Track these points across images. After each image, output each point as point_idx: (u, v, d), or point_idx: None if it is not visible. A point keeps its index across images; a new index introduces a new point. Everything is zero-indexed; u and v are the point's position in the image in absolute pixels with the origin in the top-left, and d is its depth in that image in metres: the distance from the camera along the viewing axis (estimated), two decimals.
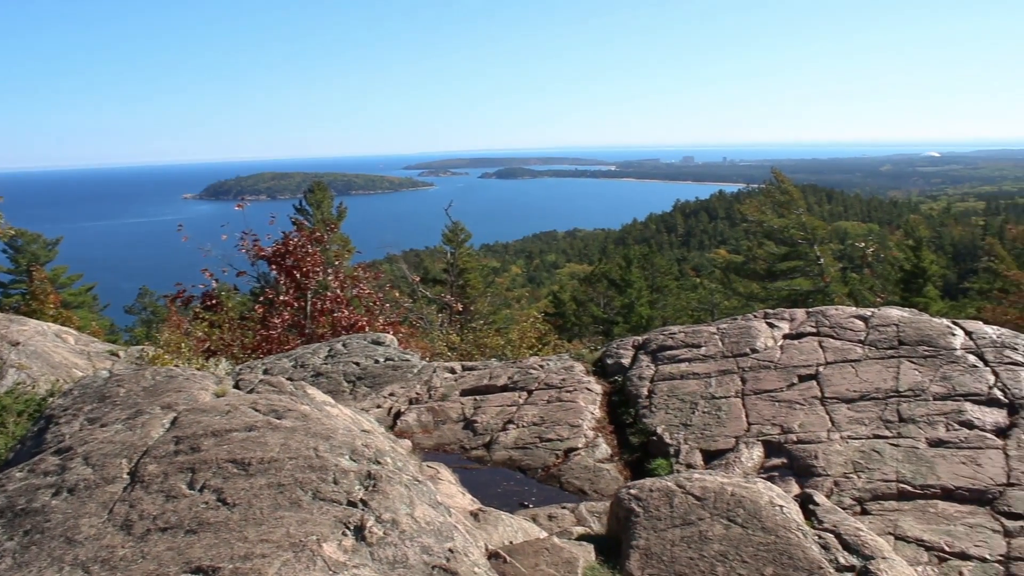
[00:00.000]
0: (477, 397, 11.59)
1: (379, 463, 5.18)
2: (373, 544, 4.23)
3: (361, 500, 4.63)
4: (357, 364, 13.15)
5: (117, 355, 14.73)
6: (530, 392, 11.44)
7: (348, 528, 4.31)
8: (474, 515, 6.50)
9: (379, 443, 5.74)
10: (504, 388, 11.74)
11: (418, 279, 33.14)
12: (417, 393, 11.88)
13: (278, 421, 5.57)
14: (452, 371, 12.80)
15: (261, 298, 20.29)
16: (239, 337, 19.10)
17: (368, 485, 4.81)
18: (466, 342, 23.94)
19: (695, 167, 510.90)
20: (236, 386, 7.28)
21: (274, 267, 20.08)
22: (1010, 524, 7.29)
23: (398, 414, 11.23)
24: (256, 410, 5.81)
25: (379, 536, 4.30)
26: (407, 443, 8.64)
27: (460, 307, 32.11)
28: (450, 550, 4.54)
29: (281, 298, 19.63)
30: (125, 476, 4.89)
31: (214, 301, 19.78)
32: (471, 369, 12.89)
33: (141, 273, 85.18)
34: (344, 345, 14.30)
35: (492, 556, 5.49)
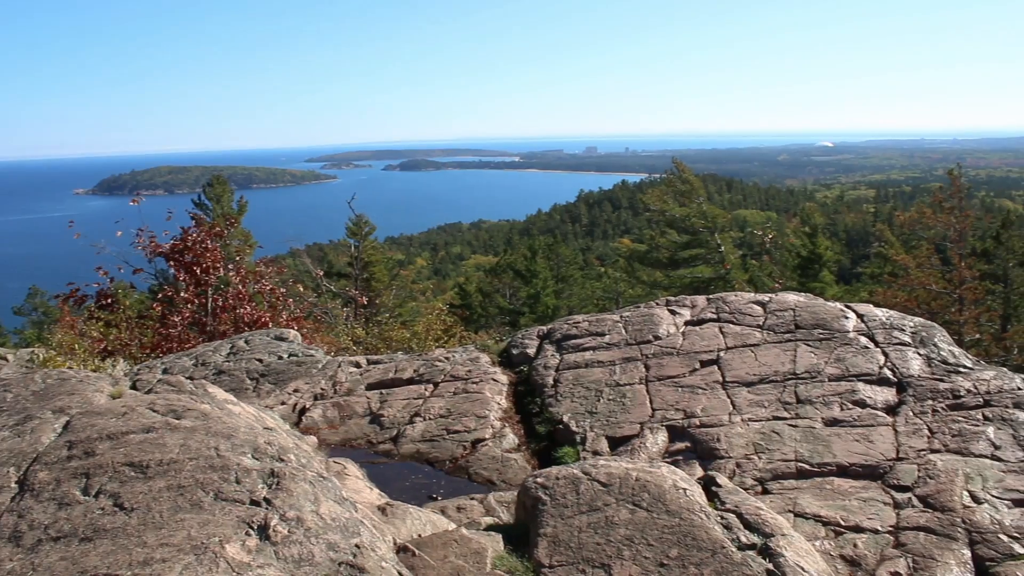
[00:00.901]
0: (383, 391, 11.50)
1: (282, 460, 5.11)
2: (278, 543, 4.18)
3: (265, 499, 4.56)
4: (260, 361, 12.91)
5: (5, 359, 14.16)
6: (436, 384, 11.41)
7: (252, 528, 4.24)
8: (382, 509, 6.46)
9: (283, 440, 5.66)
10: (410, 381, 11.68)
11: (322, 273, 32.73)
12: (322, 389, 11.73)
13: (177, 421, 5.44)
14: (357, 365, 12.68)
15: (160, 296, 19.70)
16: (137, 336, 18.55)
17: (272, 483, 4.75)
18: (372, 336, 23.75)
19: (598, 157, 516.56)
20: (134, 387, 7.09)
21: (172, 264, 19.54)
22: (899, 496, 7.60)
23: (303, 410, 11.08)
24: (154, 411, 5.66)
25: (284, 534, 4.25)
26: (313, 439, 8.55)
27: (365, 301, 31.82)
28: (357, 546, 4.51)
29: (181, 295, 19.13)
30: (13, 485, 4.70)
31: (110, 300, 19.16)
32: (377, 363, 12.79)
33: (30, 272, 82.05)
34: (247, 342, 14.02)
35: (400, 550, 5.47)
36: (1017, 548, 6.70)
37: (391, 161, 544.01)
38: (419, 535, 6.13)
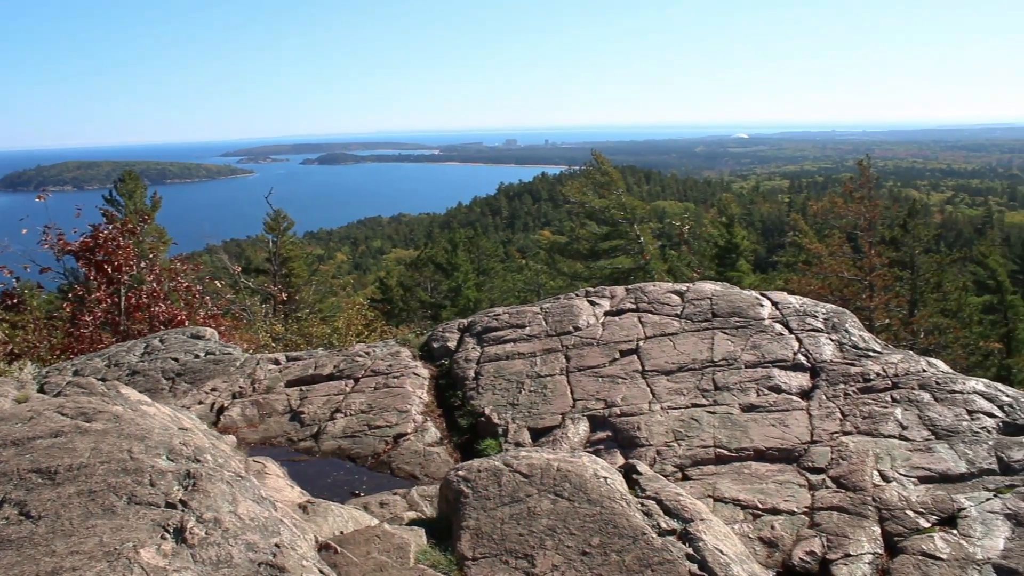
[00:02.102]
0: (303, 387, 11.36)
1: (199, 461, 5.02)
2: (195, 545, 4.10)
3: (181, 501, 4.47)
4: (176, 360, 12.63)
5: None
6: (357, 380, 11.32)
7: (167, 531, 4.16)
8: (303, 508, 6.39)
9: (199, 440, 5.56)
10: (330, 377, 11.56)
11: (239, 269, 32.12)
12: (240, 387, 11.53)
13: (88, 424, 5.29)
14: (276, 362, 12.50)
15: (70, 295, 19.13)
16: (46, 338, 18.00)
17: (187, 485, 4.66)
18: (291, 332, 23.48)
19: (518, 150, 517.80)
20: (41, 390, 6.89)
21: (82, 262, 18.98)
22: (813, 478, 7.81)
23: (221, 409, 10.87)
24: (63, 414, 5.50)
25: (201, 536, 4.17)
26: (231, 439, 8.41)
27: (284, 297, 31.39)
28: (277, 545, 4.45)
29: (92, 295, 18.60)
30: None
31: (15, 300, 18.54)
32: (296, 359, 12.63)
33: None
34: (161, 341, 13.70)
35: (323, 548, 5.42)
36: (923, 523, 6.95)
37: (309, 155, 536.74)
38: (341, 532, 6.08)
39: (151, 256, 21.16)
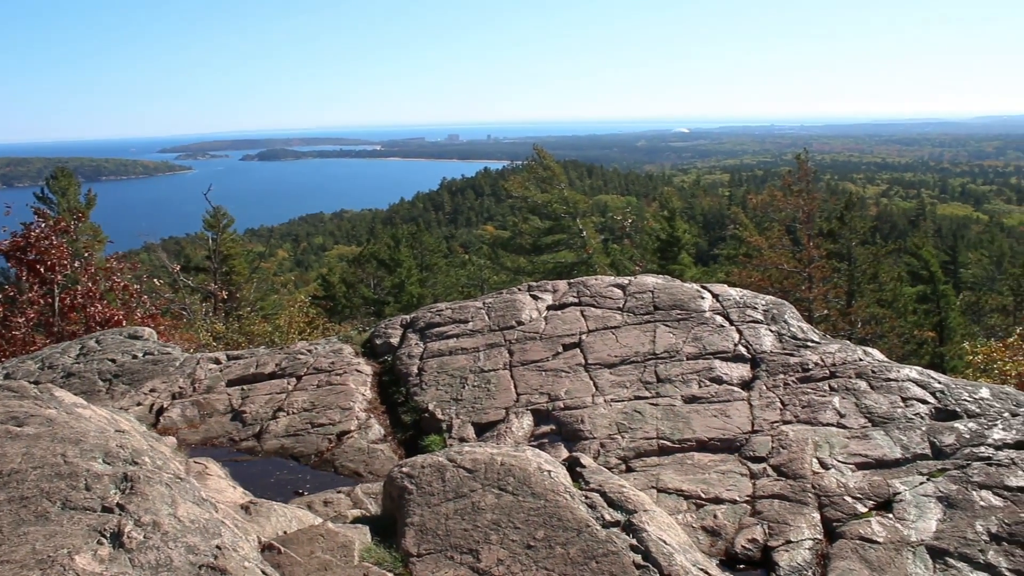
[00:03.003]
0: (244, 387, 11.22)
1: (136, 464, 4.93)
2: (133, 550, 4.03)
3: (118, 504, 4.38)
4: (113, 361, 12.39)
5: None
6: (299, 378, 11.21)
7: (104, 536, 4.08)
8: (245, 508, 6.31)
9: (136, 443, 5.46)
10: (272, 375, 11.44)
11: (178, 268, 31.60)
12: (180, 387, 11.35)
13: (19, 429, 5.16)
14: (217, 361, 12.33)
15: (0, 296, 18.66)
16: None
17: (125, 488, 4.57)
18: (232, 331, 23.17)
19: (460, 145, 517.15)
20: None
21: (13, 262, 18.53)
22: (755, 467, 7.94)
23: (161, 410, 10.69)
24: None
25: (139, 540, 4.10)
26: (172, 440, 8.26)
27: (225, 295, 30.96)
28: (218, 547, 4.39)
29: (24, 296, 18.16)
30: None
31: None
32: (237, 358, 12.47)
33: None
34: (97, 342, 13.42)
35: (266, 548, 5.37)
36: (860, 508, 7.11)
37: (249, 151, 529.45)
38: (285, 532, 6.02)
39: (86, 255, 20.74)
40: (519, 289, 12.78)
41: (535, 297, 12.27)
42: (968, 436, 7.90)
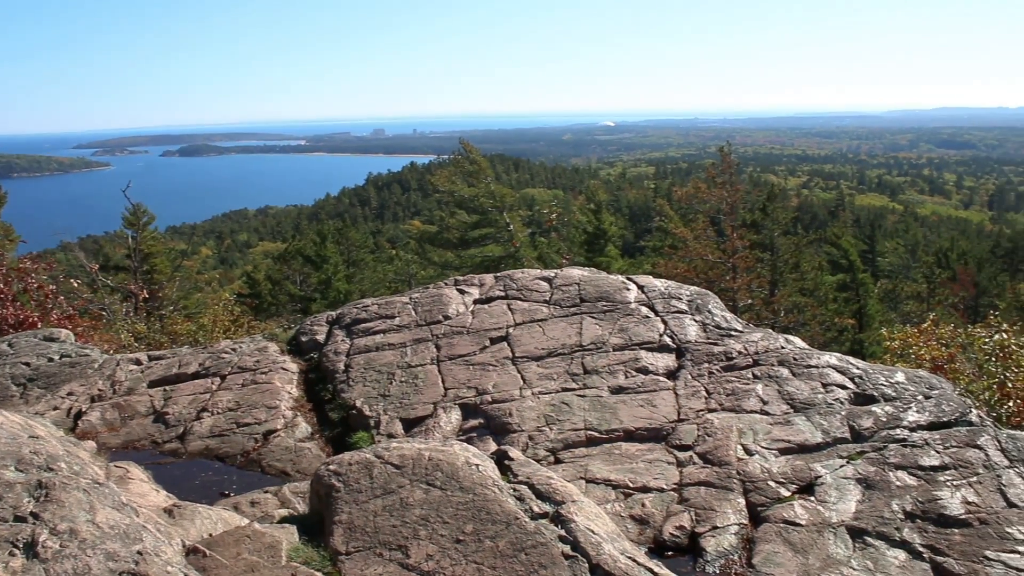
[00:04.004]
0: (167, 387, 11.00)
1: (52, 470, 4.79)
2: (48, 559, 3.92)
3: (32, 513, 4.26)
4: (27, 364, 12.01)
5: None
6: (224, 377, 11.03)
7: (16, 547, 3.96)
8: (168, 512, 6.19)
9: (51, 448, 5.31)
10: (196, 375, 11.22)
11: (97, 267, 30.79)
12: (100, 390, 11.07)
13: None
14: (138, 362, 12.05)
15: None
16: None
17: (39, 496, 4.44)
18: (154, 331, 22.66)
19: (386, 139, 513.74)
20: None
21: None
22: (681, 455, 8.07)
23: (79, 414, 10.41)
24: None
25: (55, 549, 3.99)
26: (91, 444, 8.07)
27: (146, 294, 30.24)
28: (139, 552, 4.30)
29: None
30: None
31: None
32: (159, 359, 12.20)
33: None
34: (10, 345, 12.99)
35: (190, 552, 5.27)
36: (783, 492, 7.30)
37: (170, 147, 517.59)
38: (210, 534, 5.92)
39: None
40: (446, 284, 12.76)
41: (462, 291, 12.26)
42: (885, 419, 8.14)
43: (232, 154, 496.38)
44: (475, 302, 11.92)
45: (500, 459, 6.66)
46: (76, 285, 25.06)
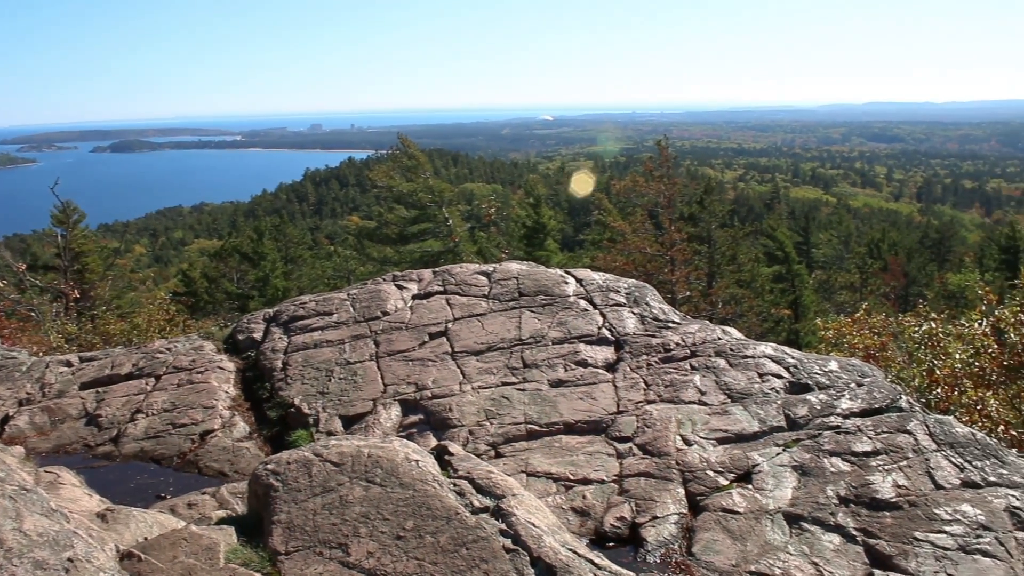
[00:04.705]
0: (99, 389, 10.77)
1: None
2: None
3: None
4: None
5: None
6: (158, 377, 10.83)
7: None
8: (101, 516, 6.06)
9: None
10: (129, 376, 11.01)
11: (24, 267, 29.99)
12: (28, 393, 10.80)
13: None
14: (69, 364, 11.77)
15: None
16: None
17: None
18: (86, 331, 22.17)
19: (323, 135, 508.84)
20: None
21: None
22: (621, 447, 8.14)
23: (6, 419, 10.14)
24: None
25: None
26: (19, 450, 7.86)
27: (77, 294, 29.57)
28: (70, 559, 4.20)
29: None
30: None
31: None
32: (90, 360, 11.93)
33: None
34: None
35: (124, 557, 5.17)
36: (722, 481, 7.41)
37: (100, 142, 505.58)
38: (145, 538, 5.82)
39: None
40: (384, 279, 12.69)
41: (400, 287, 12.20)
42: (819, 407, 8.30)
43: (166, 150, 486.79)
44: (414, 297, 11.87)
45: (440, 454, 6.64)
46: (2, 285, 24.44)
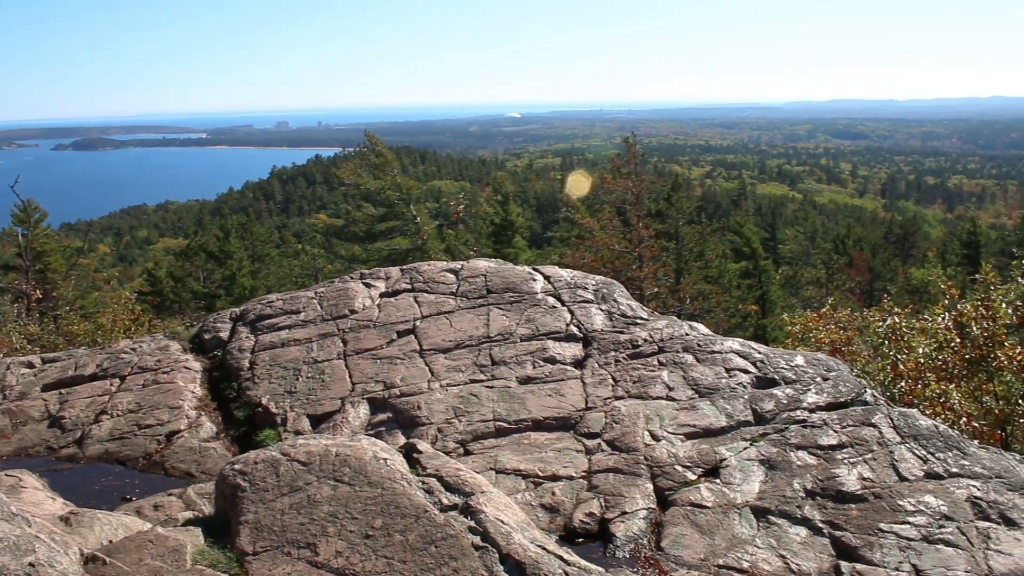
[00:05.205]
0: (63, 391, 10.62)
1: None
2: None
3: None
4: None
5: None
6: (123, 378, 10.71)
7: None
8: (65, 520, 6.00)
9: None
10: (93, 377, 10.86)
11: None
12: None
13: None
14: (31, 365, 11.59)
15: None
16: None
17: None
18: (48, 332, 21.86)
19: (290, 132, 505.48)
20: None
21: None
22: (590, 443, 8.17)
23: None
24: None
25: None
26: None
27: (40, 294, 29.15)
28: (31, 564, 4.15)
29: None
30: None
31: None
32: (53, 361, 11.76)
33: None
34: None
35: (89, 560, 5.12)
36: (690, 475, 7.46)
37: (62, 140, 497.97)
38: (110, 541, 5.77)
39: None
40: (351, 277, 12.63)
41: (368, 285, 12.15)
42: (786, 401, 8.38)
43: (130, 147, 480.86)
44: (381, 295, 11.83)
45: (409, 452, 6.63)
46: None
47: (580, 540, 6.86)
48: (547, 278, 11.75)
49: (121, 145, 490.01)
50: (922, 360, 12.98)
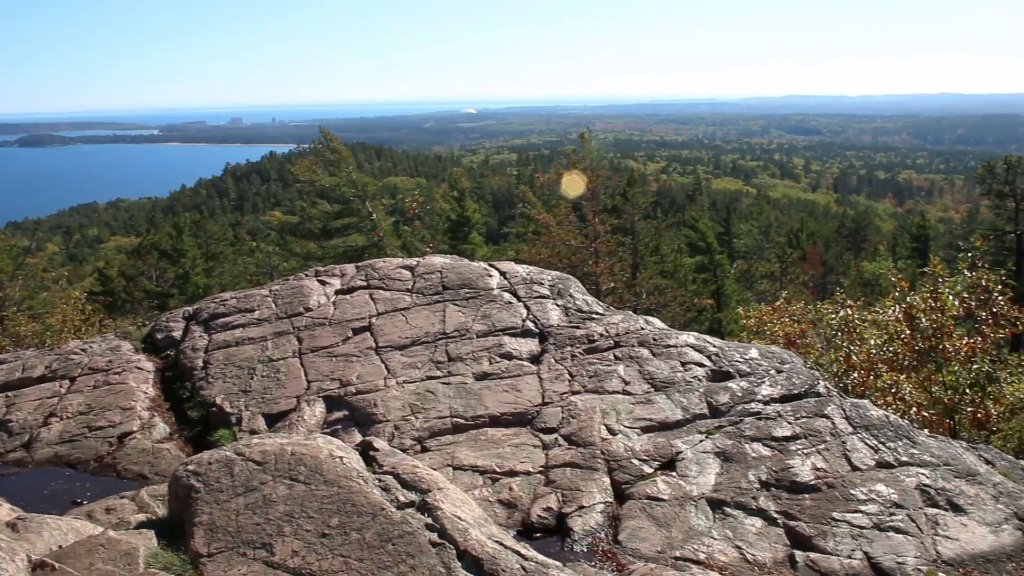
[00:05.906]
0: (9, 393, 10.41)
1: None
2: None
3: None
4: None
5: None
6: (73, 379, 10.52)
7: None
8: (12, 526, 5.87)
9: None
10: (42, 379, 10.65)
11: None
12: None
13: None
14: None
15: None
16: None
17: None
18: None
19: (244, 129, 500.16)
20: None
21: None
22: (547, 438, 8.20)
23: None
24: None
25: None
26: None
27: None
28: None
29: None
30: None
31: None
32: (0, 363, 11.53)
33: None
34: None
35: (37, 567, 5.02)
36: (647, 469, 7.52)
37: (7, 136, 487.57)
38: (60, 546, 5.65)
39: None
40: (306, 275, 12.54)
41: (323, 282, 12.06)
42: (740, 394, 8.48)
43: (79, 144, 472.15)
44: (337, 293, 11.75)
45: (365, 450, 6.59)
46: None
47: (538, 535, 6.88)
48: (503, 274, 11.76)
49: (69, 142, 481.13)
50: (874, 351, 13.21)
